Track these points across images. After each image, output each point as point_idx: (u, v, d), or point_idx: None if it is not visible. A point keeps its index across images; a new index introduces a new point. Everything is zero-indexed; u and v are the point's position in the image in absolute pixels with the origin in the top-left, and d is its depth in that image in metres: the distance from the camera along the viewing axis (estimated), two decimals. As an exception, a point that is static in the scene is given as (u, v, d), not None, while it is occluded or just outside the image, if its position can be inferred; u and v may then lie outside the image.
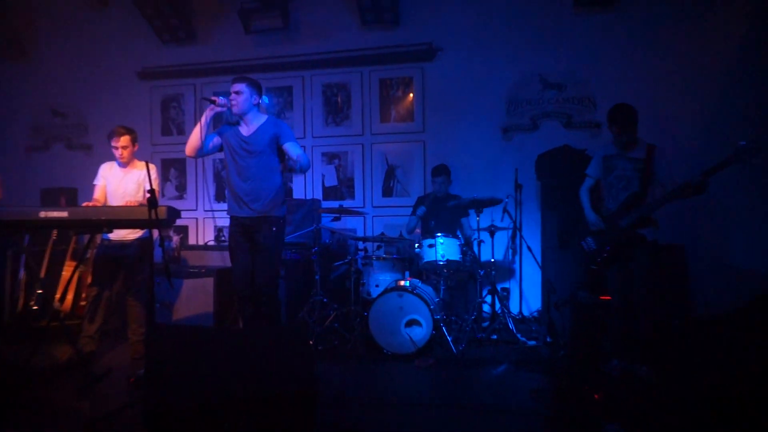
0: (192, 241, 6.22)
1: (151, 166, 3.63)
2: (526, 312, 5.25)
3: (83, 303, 4.47)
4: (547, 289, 4.73)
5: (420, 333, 3.95)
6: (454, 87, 5.68)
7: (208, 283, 4.53)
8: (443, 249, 4.30)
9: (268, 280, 3.45)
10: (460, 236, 4.67)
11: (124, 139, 3.89)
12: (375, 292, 4.47)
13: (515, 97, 5.59)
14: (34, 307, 4.52)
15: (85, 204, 3.71)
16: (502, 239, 5.29)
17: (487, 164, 5.58)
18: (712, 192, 3.25)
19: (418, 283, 4.27)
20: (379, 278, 4.56)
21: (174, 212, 3.19)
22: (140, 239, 3.93)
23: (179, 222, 4.12)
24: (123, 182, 3.95)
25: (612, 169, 3.60)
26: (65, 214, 3.06)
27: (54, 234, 4.77)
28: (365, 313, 4.13)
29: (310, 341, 4.04)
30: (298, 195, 6.05)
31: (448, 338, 3.98)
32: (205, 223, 6.26)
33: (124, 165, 3.97)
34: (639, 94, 4.81)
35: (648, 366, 3.35)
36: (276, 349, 2.34)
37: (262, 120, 3.55)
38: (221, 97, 3.45)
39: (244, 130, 3.53)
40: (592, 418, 2.77)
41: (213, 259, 4.90)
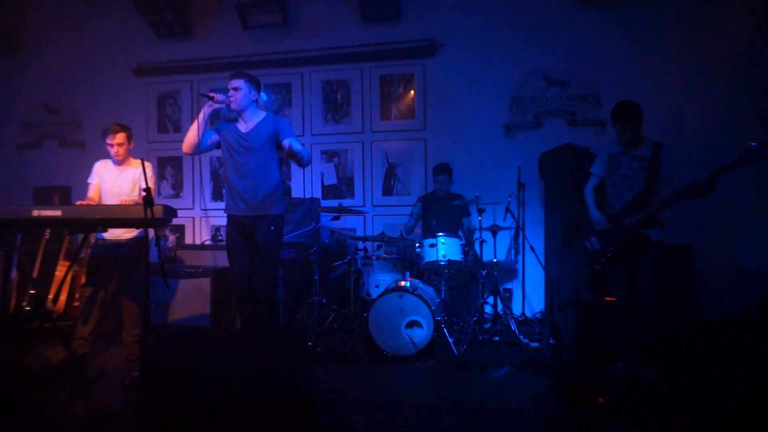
0: (188, 240, 6.22)
1: (147, 164, 3.61)
2: (528, 313, 5.25)
3: (77, 303, 4.47)
4: (551, 289, 4.73)
5: (421, 334, 3.95)
6: (455, 84, 5.68)
7: (205, 283, 4.53)
8: (444, 249, 4.30)
9: (266, 280, 3.45)
10: (462, 236, 4.66)
11: (120, 137, 3.88)
12: (375, 292, 4.47)
13: (518, 94, 5.58)
14: (27, 307, 4.51)
15: (79, 203, 3.69)
16: (504, 239, 5.29)
17: (490, 162, 5.57)
18: (721, 191, 3.24)
19: (419, 283, 4.27)
20: (379, 278, 4.55)
21: (170, 211, 3.19)
22: (135, 239, 3.92)
23: (175, 221, 4.09)
24: (118, 180, 3.94)
25: (617, 167, 3.59)
26: (59, 213, 3.05)
27: (47, 233, 4.76)
28: (365, 314, 4.13)
29: (309, 342, 4.04)
30: (297, 193, 6.04)
31: (450, 340, 3.98)
32: (201, 222, 6.25)
33: (119, 163, 3.96)
34: (645, 92, 4.82)
35: (654, 369, 3.35)
36: (274, 351, 2.34)
37: (260, 117, 3.55)
38: (219, 94, 3.44)
39: (242, 126, 3.53)
40: (596, 423, 2.77)
41: (210, 259, 4.90)
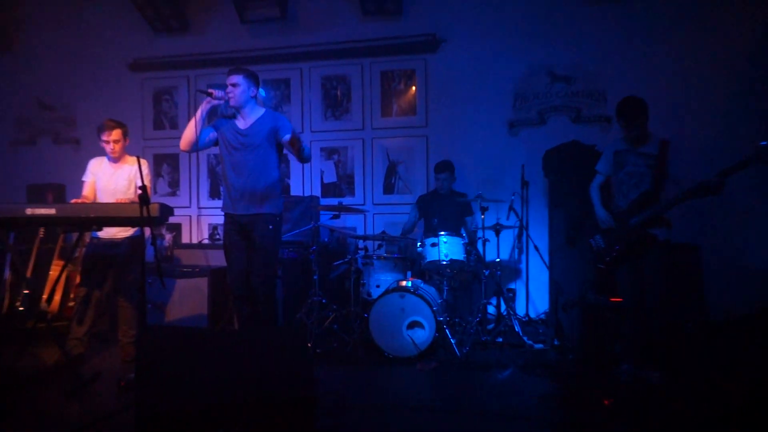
0: (185, 239, 6.22)
1: (143, 162, 3.63)
2: (532, 314, 5.24)
3: (71, 304, 4.47)
4: (555, 290, 4.73)
5: (422, 335, 3.95)
6: (458, 80, 5.67)
7: (202, 283, 4.53)
8: (447, 248, 4.29)
9: (264, 280, 3.45)
10: (464, 235, 4.66)
11: (116, 133, 3.88)
12: (376, 292, 4.46)
13: (522, 90, 5.57)
14: (20, 308, 4.52)
15: (73, 201, 3.71)
16: (507, 238, 5.29)
17: (493, 160, 5.56)
18: (729, 190, 3.22)
19: (421, 283, 4.27)
20: (380, 278, 4.55)
21: (166, 209, 3.19)
22: (131, 238, 3.92)
23: (172, 219, 4.10)
24: (113, 178, 3.94)
25: (623, 165, 3.58)
26: (53, 212, 3.06)
27: (41, 232, 4.77)
28: (365, 315, 4.13)
29: (309, 343, 4.03)
30: (296, 191, 6.04)
31: (452, 341, 3.98)
32: (198, 221, 6.25)
33: (114, 160, 3.96)
34: (652, 88, 4.80)
35: (660, 371, 3.35)
36: (273, 352, 2.34)
37: (259, 113, 3.55)
38: (217, 90, 3.43)
39: (240, 123, 3.53)
40: (601, 425, 2.77)
41: (207, 258, 4.90)
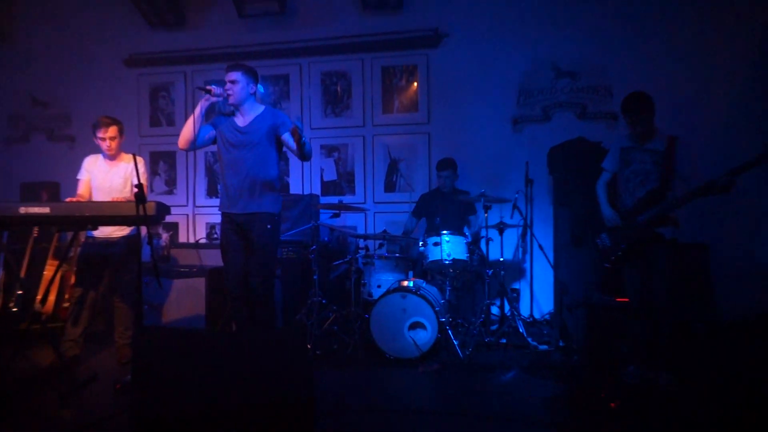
0: (182, 238, 6.22)
1: (139, 159, 3.62)
2: (537, 314, 5.24)
3: (66, 305, 4.47)
4: (560, 290, 4.73)
5: (424, 336, 3.95)
6: (461, 75, 5.66)
7: (200, 283, 4.53)
8: (449, 247, 4.29)
9: (262, 281, 3.44)
10: (467, 234, 4.66)
11: (112, 130, 3.88)
12: (377, 293, 4.46)
13: (526, 86, 5.56)
14: (14, 309, 4.52)
15: (68, 199, 3.70)
16: (511, 237, 5.28)
17: (496, 157, 5.56)
18: (739, 189, 3.21)
19: (423, 283, 4.26)
20: (381, 278, 4.55)
21: (163, 208, 3.18)
22: (127, 237, 3.92)
23: (169, 218, 4.12)
24: (109, 176, 3.94)
25: (629, 162, 3.56)
26: (47, 210, 3.05)
27: (35, 231, 4.76)
28: (366, 316, 4.13)
29: (308, 345, 4.03)
30: (296, 190, 6.04)
31: (455, 342, 3.98)
32: (196, 220, 6.25)
33: (110, 158, 3.95)
34: (660, 83, 4.80)
35: (668, 373, 3.34)
36: (271, 354, 2.33)
37: (259, 110, 3.54)
38: (216, 87, 3.43)
39: (239, 120, 3.52)
40: (607, 429, 2.76)
41: (205, 258, 4.90)
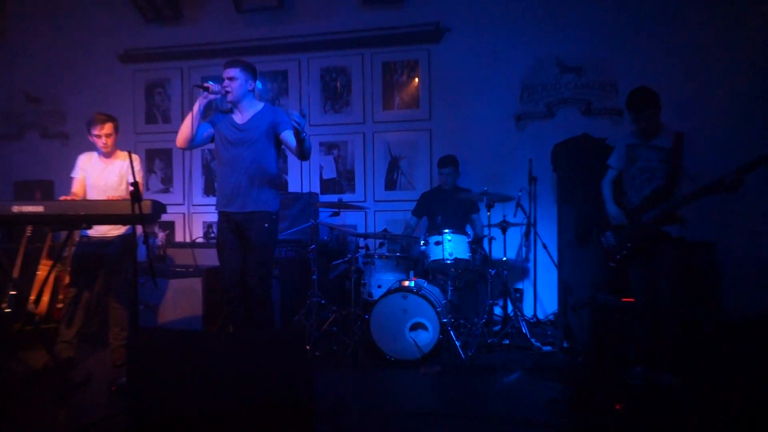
0: (179, 238, 6.22)
1: (135, 157, 3.59)
2: (540, 315, 5.24)
3: (60, 305, 4.46)
4: (564, 290, 4.72)
5: (426, 337, 3.94)
6: (463, 71, 5.65)
7: (196, 283, 4.53)
8: (451, 247, 4.28)
9: (260, 281, 3.44)
10: (470, 233, 4.65)
11: (108, 127, 3.87)
12: (377, 293, 4.46)
13: (529, 82, 5.56)
14: (7, 309, 4.51)
15: (62, 198, 3.70)
16: (514, 236, 5.27)
17: (499, 155, 5.56)
18: (748, 186, 3.20)
19: (424, 283, 4.26)
20: (382, 278, 4.55)
21: (159, 207, 3.18)
22: (122, 236, 3.92)
23: (165, 217, 4.11)
24: (104, 174, 3.94)
25: (635, 159, 3.56)
26: (41, 209, 3.05)
27: (28, 230, 4.75)
28: (366, 316, 4.13)
29: (307, 346, 4.04)
30: (294, 188, 6.04)
31: (456, 343, 3.97)
32: (193, 219, 6.25)
33: (105, 155, 3.95)
34: (666, 78, 4.79)
35: (674, 374, 3.33)
36: (270, 355, 2.33)
37: (258, 107, 3.54)
38: (214, 84, 3.42)
39: (238, 117, 3.52)
40: (612, 431, 2.76)
41: (202, 258, 4.89)
